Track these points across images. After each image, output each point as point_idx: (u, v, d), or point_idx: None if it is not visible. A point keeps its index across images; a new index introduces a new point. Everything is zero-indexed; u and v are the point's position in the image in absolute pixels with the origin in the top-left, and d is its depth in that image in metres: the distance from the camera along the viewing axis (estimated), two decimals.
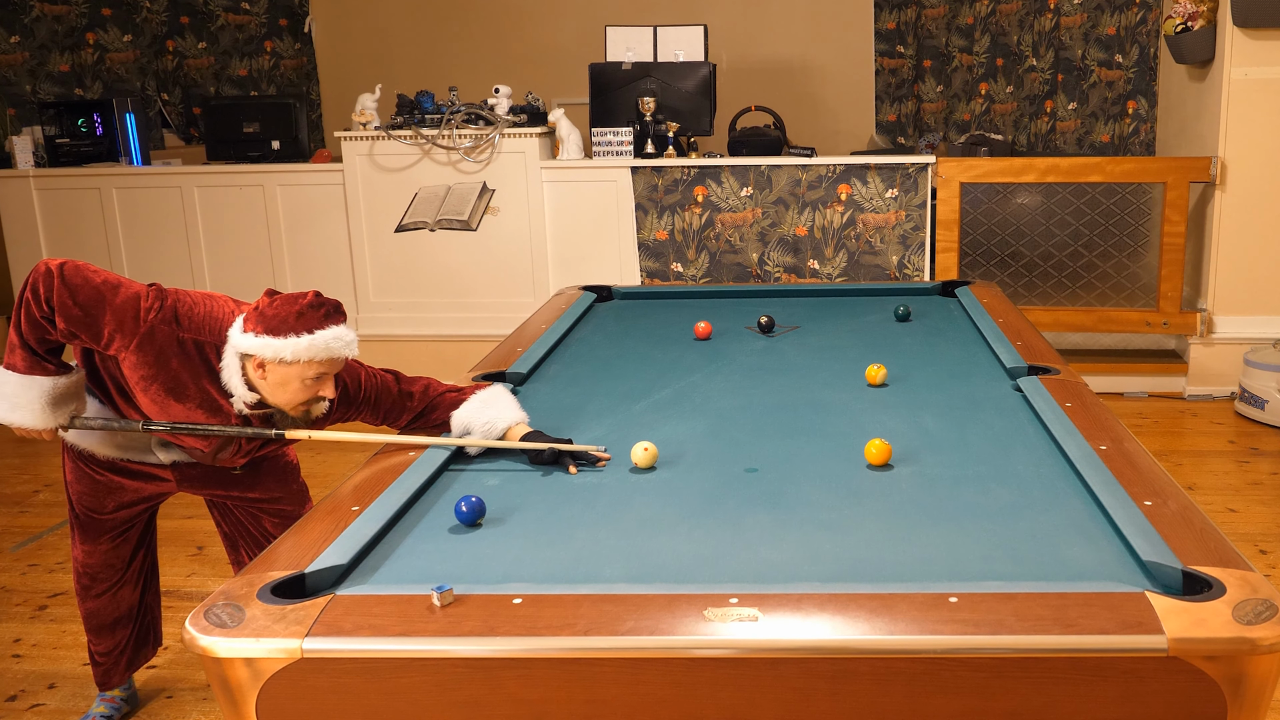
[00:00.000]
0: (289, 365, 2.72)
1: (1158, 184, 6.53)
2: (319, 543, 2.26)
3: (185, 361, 2.80)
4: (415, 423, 3.06)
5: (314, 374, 2.75)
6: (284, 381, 2.76)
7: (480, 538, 2.37)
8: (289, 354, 2.69)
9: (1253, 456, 5.61)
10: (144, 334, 2.76)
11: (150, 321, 2.77)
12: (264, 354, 2.71)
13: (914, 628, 1.84)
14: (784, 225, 6.80)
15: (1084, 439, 2.72)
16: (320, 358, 2.73)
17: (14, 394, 2.86)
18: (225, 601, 2.01)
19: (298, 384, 2.76)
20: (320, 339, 2.71)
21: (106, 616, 3.37)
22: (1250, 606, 1.84)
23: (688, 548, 2.28)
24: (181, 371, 2.80)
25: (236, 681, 1.90)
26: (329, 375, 2.79)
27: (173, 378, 2.80)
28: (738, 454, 2.83)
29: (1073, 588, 1.95)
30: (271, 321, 2.71)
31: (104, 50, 8.63)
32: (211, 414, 2.88)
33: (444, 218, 6.97)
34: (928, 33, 8.92)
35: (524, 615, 1.93)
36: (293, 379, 2.75)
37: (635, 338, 4.13)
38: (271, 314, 2.72)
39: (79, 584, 3.34)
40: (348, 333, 2.77)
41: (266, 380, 2.77)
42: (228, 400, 2.86)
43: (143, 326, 2.76)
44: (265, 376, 2.77)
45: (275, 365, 2.73)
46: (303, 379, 2.75)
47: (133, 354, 2.77)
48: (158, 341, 2.77)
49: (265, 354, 2.71)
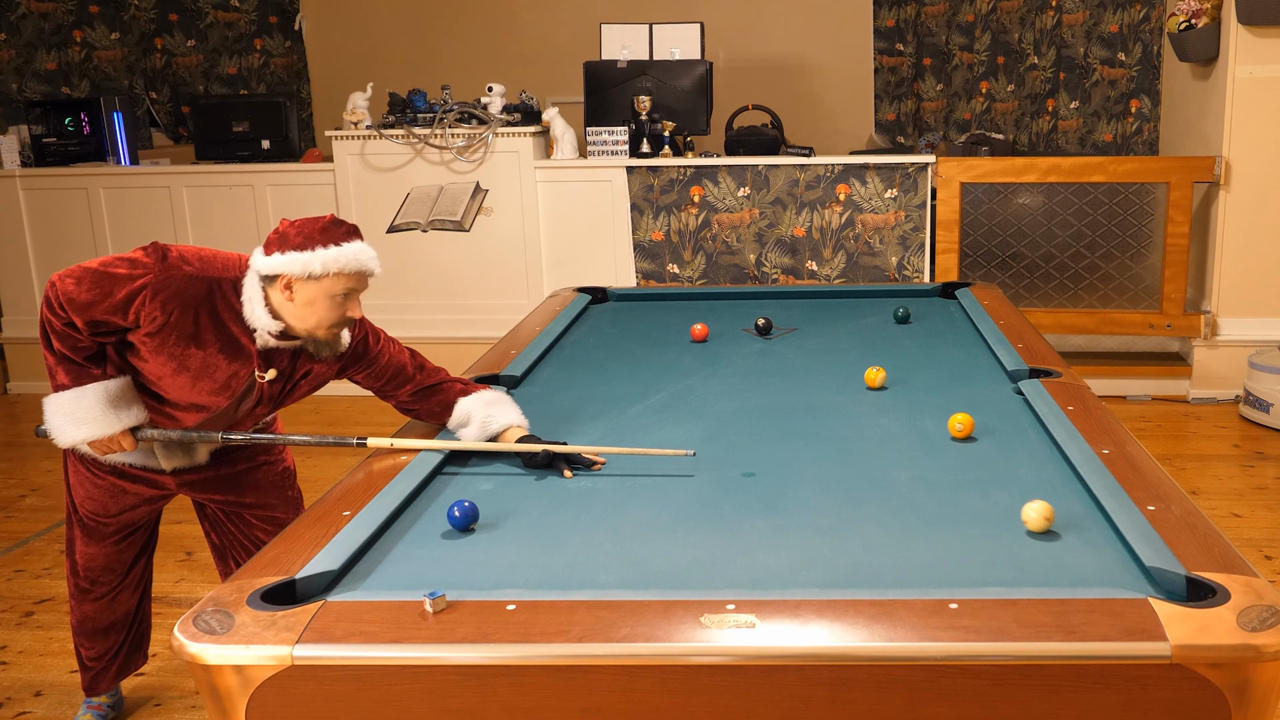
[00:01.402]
0: (318, 281, 2.77)
1: (1161, 184, 6.54)
2: (309, 548, 2.26)
3: (201, 301, 2.82)
4: (417, 399, 3.11)
5: (342, 290, 2.80)
6: (312, 301, 2.79)
7: (473, 543, 2.37)
8: (319, 266, 2.75)
9: (1258, 461, 5.61)
10: (156, 281, 2.77)
11: (157, 268, 2.79)
12: (293, 270, 2.75)
13: (913, 634, 1.84)
14: (782, 226, 6.81)
15: (1086, 443, 2.72)
16: (349, 269, 2.79)
17: (72, 410, 2.89)
18: (214, 608, 2.01)
19: (326, 302, 2.80)
20: (348, 250, 2.79)
21: (102, 620, 3.37)
22: (1255, 613, 1.84)
23: (684, 553, 2.28)
24: (199, 312, 2.82)
25: (226, 689, 1.90)
26: (356, 294, 2.85)
27: (190, 321, 2.81)
28: (735, 458, 2.83)
29: (1075, 594, 1.95)
30: (296, 239, 2.76)
31: (91, 48, 8.62)
32: (233, 357, 2.88)
33: (436, 218, 6.97)
34: (927, 30, 8.93)
35: (518, 622, 1.93)
36: (321, 297, 2.79)
37: (631, 340, 4.13)
38: (295, 233, 2.78)
39: (76, 586, 3.33)
40: (370, 249, 2.87)
41: (294, 302, 2.80)
42: (250, 338, 2.88)
43: (153, 274, 2.77)
44: (293, 298, 2.80)
45: (304, 283, 2.77)
46: (331, 295, 2.79)
47: (153, 308, 2.77)
48: (171, 285, 2.78)
49: (294, 270, 2.75)
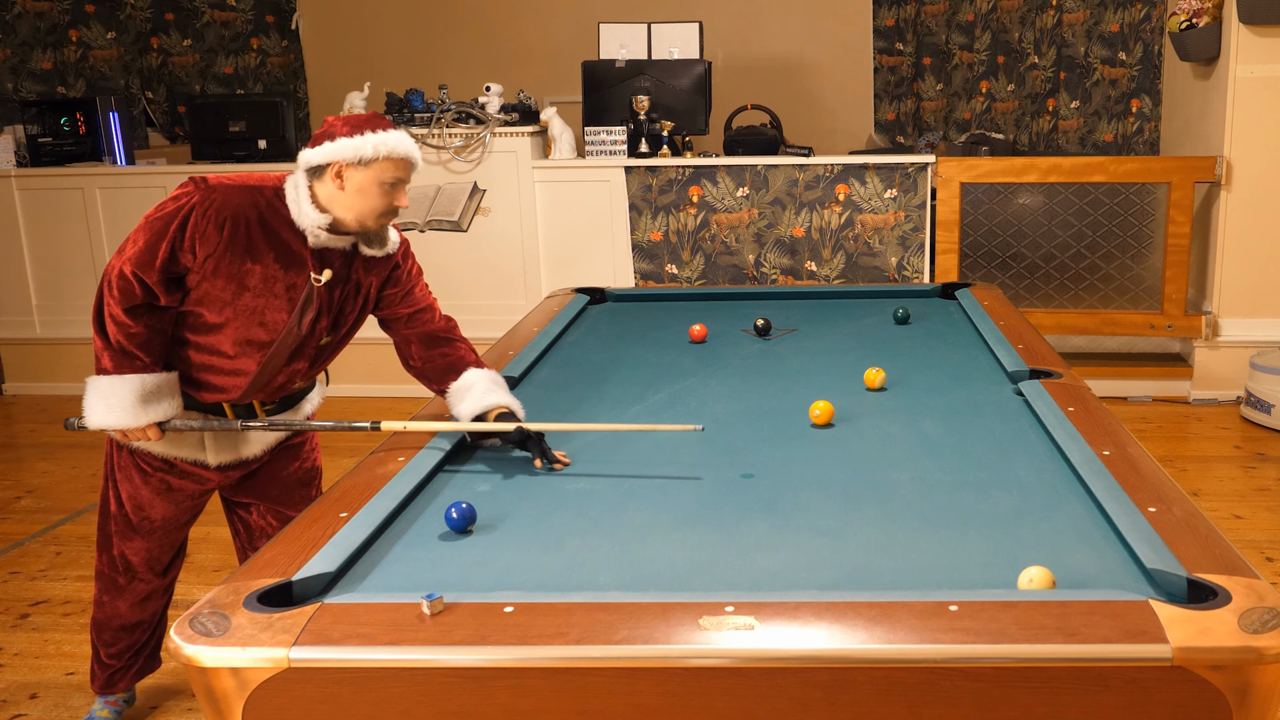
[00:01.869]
0: (368, 167, 2.89)
1: (1162, 184, 6.54)
2: (307, 549, 2.26)
3: (248, 209, 2.93)
4: (431, 348, 3.25)
5: (391, 177, 2.92)
6: (363, 188, 2.91)
7: (471, 545, 2.37)
8: (370, 150, 2.88)
9: (1259, 462, 5.62)
10: (203, 200, 2.88)
11: (202, 189, 2.90)
12: (345, 155, 2.88)
13: (913, 637, 1.84)
14: (781, 226, 6.81)
15: (1087, 444, 2.72)
16: (399, 153, 2.92)
17: (107, 395, 2.97)
18: (211, 610, 2.01)
19: (376, 189, 2.91)
20: (395, 135, 2.93)
21: (130, 618, 3.38)
22: (1256, 615, 1.84)
23: (682, 555, 2.28)
24: (249, 222, 2.92)
25: (222, 691, 1.90)
26: (403, 185, 2.96)
27: (243, 234, 2.91)
28: (733, 459, 2.83)
29: (1075, 596, 1.95)
30: (344, 129, 2.90)
31: (87, 47, 8.62)
32: (288, 265, 2.98)
33: (434, 218, 6.96)
34: (927, 29, 8.93)
35: (515, 624, 1.93)
36: (371, 183, 2.91)
37: (629, 341, 4.13)
38: (342, 124, 2.92)
39: (113, 582, 3.33)
40: (412, 140, 3.01)
41: (345, 190, 2.92)
42: (302, 241, 2.98)
43: (199, 194, 2.89)
44: (344, 186, 2.92)
45: (354, 169, 2.89)
46: (380, 182, 2.91)
47: (206, 226, 2.87)
48: (217, 199, 2.89)
49: (347, 154, 2.88)
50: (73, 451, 6.21)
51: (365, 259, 3.12)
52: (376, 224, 2.99)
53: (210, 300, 2.96)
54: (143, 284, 2.89)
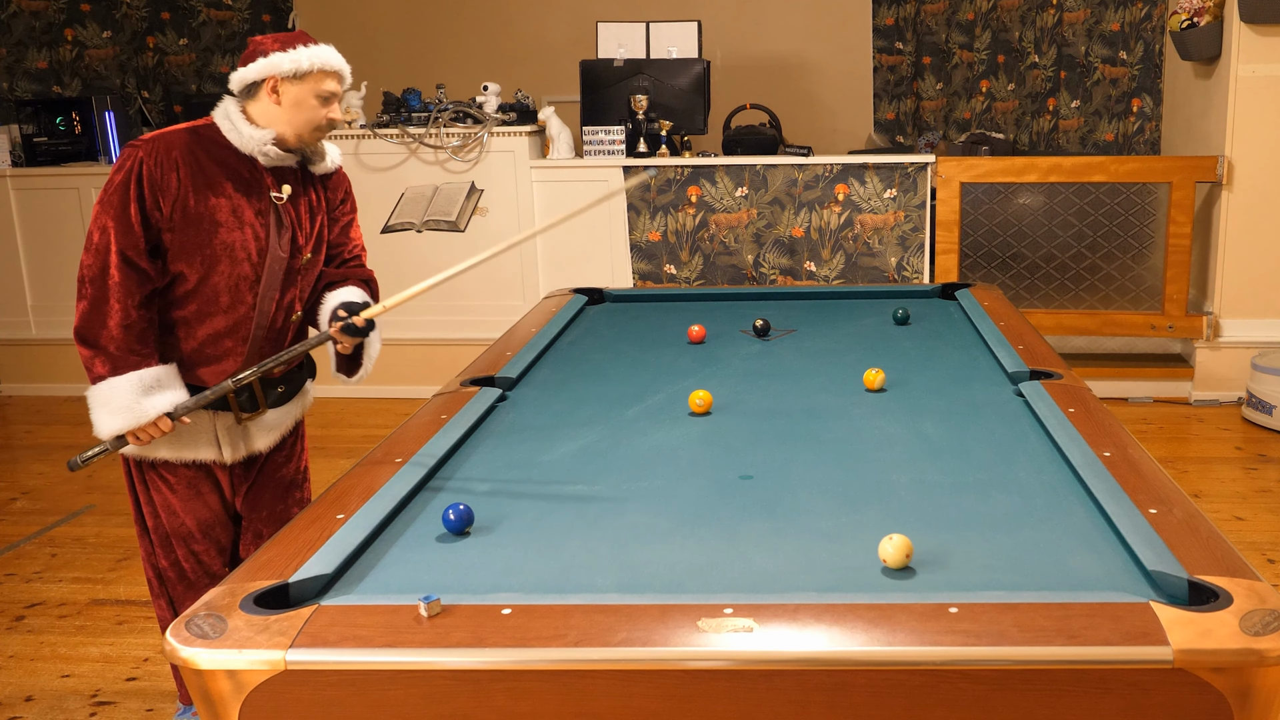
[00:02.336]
0: (303, 80, 3.00)
1: (1163, 184, 6.55)
2: (303, 551, 2.26)
3: (191, 146, 3.01)
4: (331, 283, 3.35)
5: (326, 90, 3.03)
6: (300, 101, 3.02)
7: (468, 546, 2.37)
8: (306, 62, 2.99)
9: (1260, 463, 5.62)
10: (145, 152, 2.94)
11: (140, 144, 2.97)
12: (281, 68, 2.98)
13: (913, 639, 1.84)
14: (780, 226, 6.81)
15: (1087, 445, 2.72)
16: (332, 66, 3.04)
17: (108, 399, 2.96)
18: (207, 612, 2.01)
19: (313, 101, 3.03)
20: (327, 49, 3.06)
21: None
22: (1258, 617, 1.84)
23: (681, 557, 2.28)
24: (196, 157, 3.00)
25: (219, 694, 1.90)
26: (337, 98, 3.07)
27: (196, 170, 2.99)
28: (732, 461, 2.83)
29: (1076, 598, 1.95)
30: (274, 45, 3.00)
31: (83, 47, 8.62)
32: (249, 190, 3.06)
33: (431, 218, 6.96)
34: (927, 29, 8.94)
35: (513, 626, 1.93)
36: (308, 96, 3.02)
37: (627, 341, 4.13)
38: (271, 41, 3.02)
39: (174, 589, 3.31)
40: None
41: (281, 105, 3.03)
42: (252, 167, 3.06)
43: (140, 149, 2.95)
44: (280, 100, 3.02)
45: (290, 83, 3.00)
46: (317, 94, 3.02)
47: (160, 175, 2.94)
48: (159, 146, 2.96)
49: (283, 67, 2.98)
50: (69, 453, 6.21)
51: (315, 177, 3.23)
52: (312, 138, 3.09)
53: (188, 252, 2.99)
54: (135, 266, 2.93)
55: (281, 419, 3.34)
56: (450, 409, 3.21)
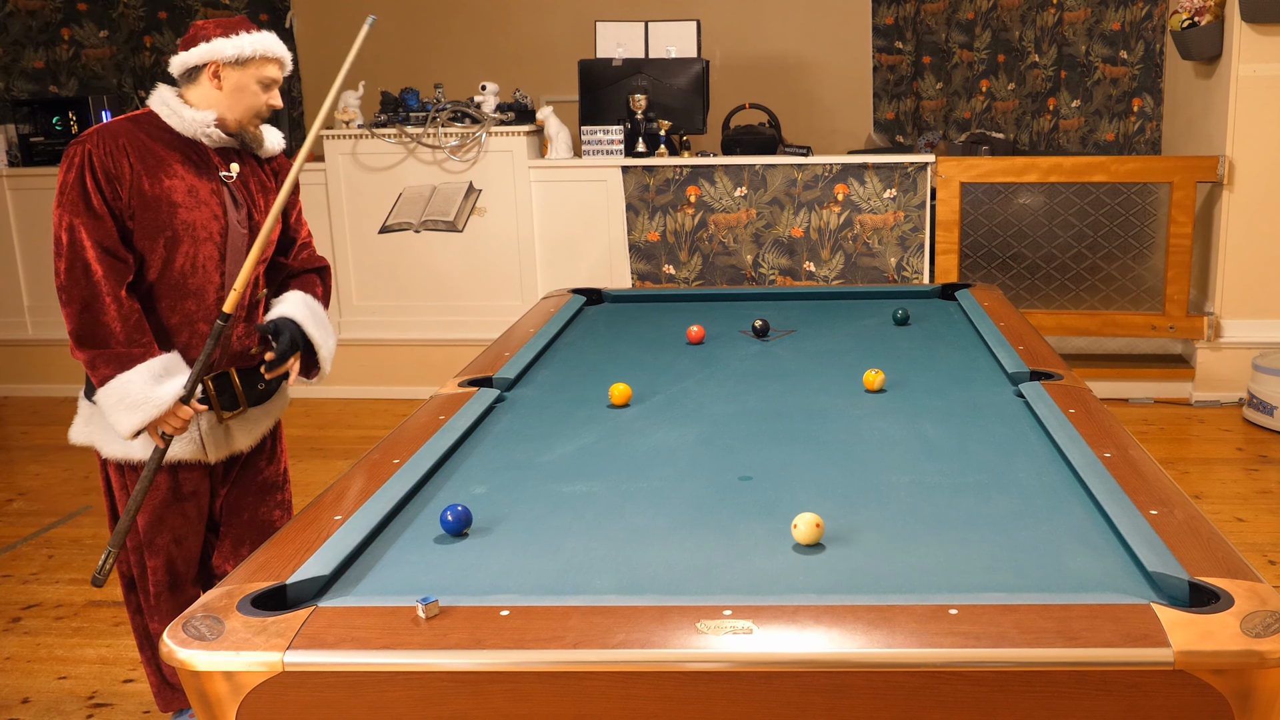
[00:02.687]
0: (245, 66, 3.05)
1: (1164, 184, 6.55)
2: (301, 553, 2.26)
3: (134, 133, 3.02)
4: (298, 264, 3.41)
5: (267, 77, 3.09)
6: (241, 86, 3.07)
7: (466, 548, 2.37)
8: (249, 48, 3.04)
9: (1261, 464, 5.62)
10: (91, 145, 2.95)
11: (84, 139, 2.97)
12: (224, 53, 3.02)
13: (913, 640, 1.84)
14: (779, 226, 6.81)
15: (1088, 446, 2.72)
16: (274, 53, 3.09)
17: (121, 398, 2.95)
18: (204, 613, 2.01)
19: (254, 86, 3.08)
20: (269, 36, 3.11)
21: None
22: (1259, 619, 1.84)
23: (680, 558, 2.28)
24: (143, 142, 3.02)
25: (216, 696, 1.90)
26: (276, 85, 3.13)
27: (144, 154, 3.01)
28: (731, 462, 2.83)
29: (1076, 599, 1.96)
30: (217, 30, 3.04)
31: (80, 46, 8.61)
32: (200, 169, 3.08)
33: (429, 218, 6.96)
34: (927, 28, 8.94)
35: (512, 627, 1.93)
36: (249, 82, 3.07)
37: (626, 342, 4.13)
38: (214, 26, 3.05)
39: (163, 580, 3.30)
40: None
41: (222, 90, 3.07)
42: (196, 149, 3.09)
43: (85, 143, 2.96)
44: (221, 85, 3.06)
45: (231, 69, 3.04)
46: (259, 80, 3.08)
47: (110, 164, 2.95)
48: (103, 137, 2.98)
49: (226, 53, 3.02)
50: (65, 454, 6.21)
51: (259, 159, 3.28)
52: (252, 123, 3.13)
53: (150, 236, 3.01)
54: (115, 255, 2.95)
55: (261, 417, 3.36)
56: (448, 410, 3.21)
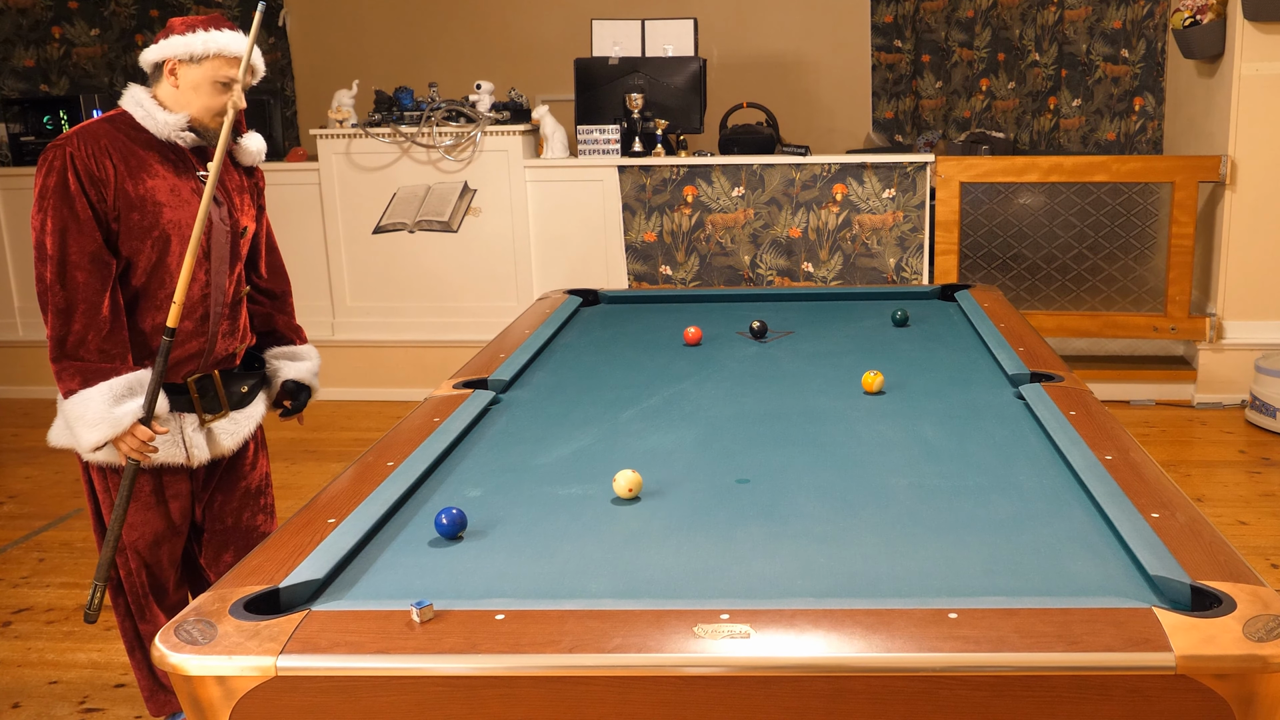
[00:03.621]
0: (199, 64, 3.04)
1: (1165, 184, 6.55)
2: (294, 556, 2.25)
3: (113, 135, 3.03)
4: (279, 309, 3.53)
5: (223, 76, 3.06)
6: (197, 85, 3.06)
7: (462, 551, 2.37)
8: (200, 46, 3.02)
9: (1264, 467, 5.63)
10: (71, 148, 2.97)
11: (63, 143, 2.98)
12: (177, 51, 3.03)
13: (912, 645, 1.84)
14: (777, 226, 6.81)
15: (1089, 448, 2.72)
16: (229, 52, 3.06)
17: (82, 413, 2.98)
18: (196, 617, 2.00)
19: (209, 86, 3.06)
20: (227, 35, 3.07)
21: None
22: (1262, 623, 1.84)
23: (677, 562, 2.28)
24: (122, 143, 3.02)
25: (208, 700, 1.90)
26: (238, 84, 3.08)
27: (129, 154, 3.03)
28: (729, 464, 2.83)
29: (1077, 603, 1.96)
30: (180, 28, 3.05)
31: (70, 44, 8.61)
32: (180, 172, 3.10)
33: (424, 219, 6.96)
34: (926, 26, 8.94)
35: (507, 632, 1.93)
36: (204, 81, 3.05)
37: (622, 343, 4.13)
38: (180, 23, 3.06)
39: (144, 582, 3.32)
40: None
41: (180, 88, 3.07)
42: (173, 149, 3.11)
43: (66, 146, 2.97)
44: (178, 84, 3.07)
45: (187, 66, 3.05)
46: (213, 80, 3.05)
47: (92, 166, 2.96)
48: (82, 140, 2.99)
49: (178, 51, 3.03)
50: (56, 457, 6.19)
51: (233, 160, 3.30)
52: (213, 123, 3.10)
53: (138, 237, 3.03)
54: (98, 261, 2.97)
55: (244, 420, 3.36)
56: (443, 412, 3.21)
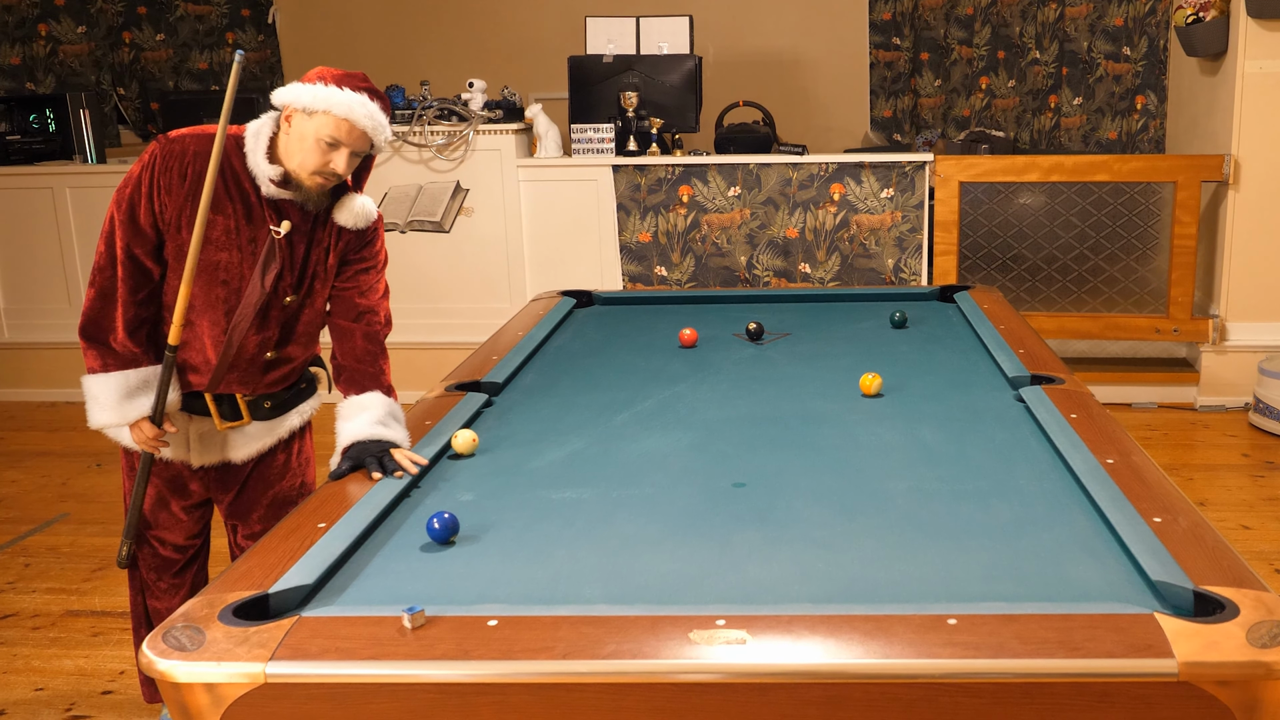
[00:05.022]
0: (310, 116, 2.89)
1: (1167, 183, 6.56)
2: (284, 561, 2.25)
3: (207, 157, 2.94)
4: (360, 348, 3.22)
5: (329, 134, 2.89)
6: (301, 136, 2.91)
7: (453, 556, 2.37)
8: (309, 99, 2.89)
9: (1268, 470, 5.63)
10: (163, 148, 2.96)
11: (162, 140, 2.97)
12: (293, 98, 2.92)
13: (910, 651, 1.85)
14: (774, 227, 6.81)
15: (1090, 452, 2.73)
16: (339, 113, 2.88)
17: (98, 394, 3.05)
18: (185, 623, 2.00)
19: (312, 143, 2.90)
20: (346, 97, 2.90)
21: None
22: (1265, 629, 1.84)
23: (672, 567, 2.28)
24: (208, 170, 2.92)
25: (197, 708, 1.90)
26: (345, 149, 2.92)
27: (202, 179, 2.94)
28: (725, 468, 2.83)
29: (1078, 609, 1.96)
30: (314, 76, 2.94)
31: (57, 42, 8.60)
32: (248, 217, 3.01)
33: (415, 219, 6.96)
34: (925, 24, 8.95)
35: (500, 638, 1.93)
36: (309, 134, 2.90)
37: (617, 345, 4.14)
38: (317, 72, 2.95)
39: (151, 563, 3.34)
40: (380, 114, 2.97)
41: (289, 135, 2.94)
42: (259, 195, 3.01)
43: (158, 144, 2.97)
44: (289, 130, 2.94)
45: (299, 115, 2.91)
46: (318, 138, 2.89)
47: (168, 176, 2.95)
48: (177, 145, 2.96)
49: (292, 98, 2.92)
50: (42, 460, 6.20)
51: (337, 226, 3.14)
52: (309, 180, 2.97)
53: (176, 256, 3.01)
54: (139, 263, 2.98)
55: (264, 434, 3.32)
56: (435, 415, 3.21)
